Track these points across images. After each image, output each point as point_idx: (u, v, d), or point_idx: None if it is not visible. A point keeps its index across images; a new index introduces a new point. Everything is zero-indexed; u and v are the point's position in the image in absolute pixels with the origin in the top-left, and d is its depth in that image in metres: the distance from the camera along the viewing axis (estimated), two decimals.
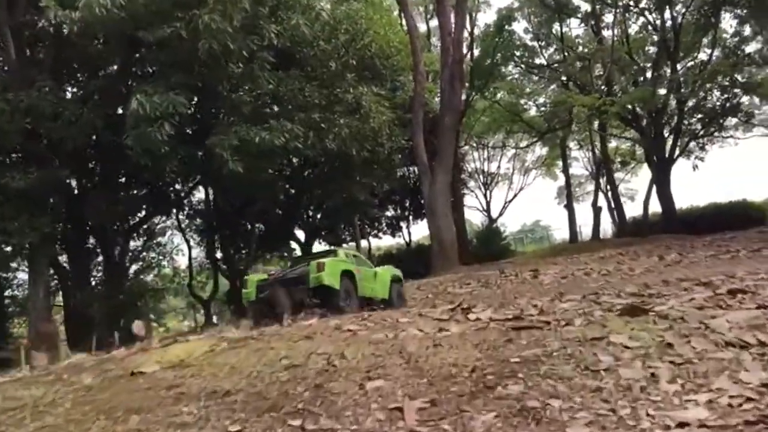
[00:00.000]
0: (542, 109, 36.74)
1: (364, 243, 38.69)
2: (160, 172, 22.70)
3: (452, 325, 5.69)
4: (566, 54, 33.76)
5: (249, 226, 31.77)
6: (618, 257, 15.93)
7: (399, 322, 6.21)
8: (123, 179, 25.65)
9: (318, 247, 39.04)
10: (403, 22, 23.28)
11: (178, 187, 29.23)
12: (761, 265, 9.27)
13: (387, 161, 28.30)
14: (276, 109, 23.05)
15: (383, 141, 26.03)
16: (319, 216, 34.38)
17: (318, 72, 24.30)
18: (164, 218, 34.76)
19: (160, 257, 38.65)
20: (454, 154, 33.30)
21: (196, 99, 20.47)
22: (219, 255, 34.30)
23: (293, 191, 33.34)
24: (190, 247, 35.27)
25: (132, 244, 35.72)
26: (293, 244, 37.47)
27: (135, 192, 26.13)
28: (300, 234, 36.61)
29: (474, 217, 49.74)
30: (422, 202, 38.86)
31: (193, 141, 21.50)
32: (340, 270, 7.63)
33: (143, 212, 27.87)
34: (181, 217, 34.18)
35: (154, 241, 38.20)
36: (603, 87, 31.13)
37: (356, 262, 8.95)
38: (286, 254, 38.96)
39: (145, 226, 31.63)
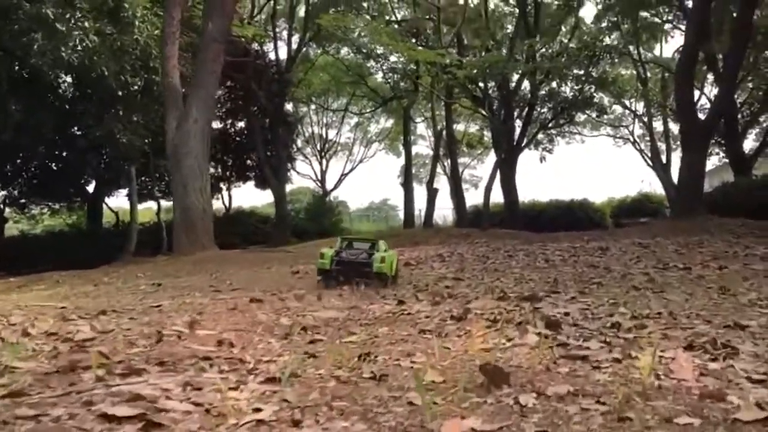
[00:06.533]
0: (388, 75, 29.35)
1: (148, 204, 29.39)
2: None
3: None
4: (416, 9, 26.43)
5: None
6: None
7: None
8: None
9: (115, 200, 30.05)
10: None
11: None
12: None
13: None
14: None
15: (158, 65, 17.32)
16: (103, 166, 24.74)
17: None
18: None
19: None
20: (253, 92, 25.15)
21: None
22: None
23: (74, 130, 23.84)
24: None
25: None
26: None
27: None
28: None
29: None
30: (246, 160, 30.71)
31: None
32: (391, 263, 6.79)
33: None
34: None
35: None
36: (454, 51, 24.06)
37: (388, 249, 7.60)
38: (77, 204, 29.31)
39: None
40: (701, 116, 22.87)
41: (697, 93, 27.81)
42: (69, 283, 9.36)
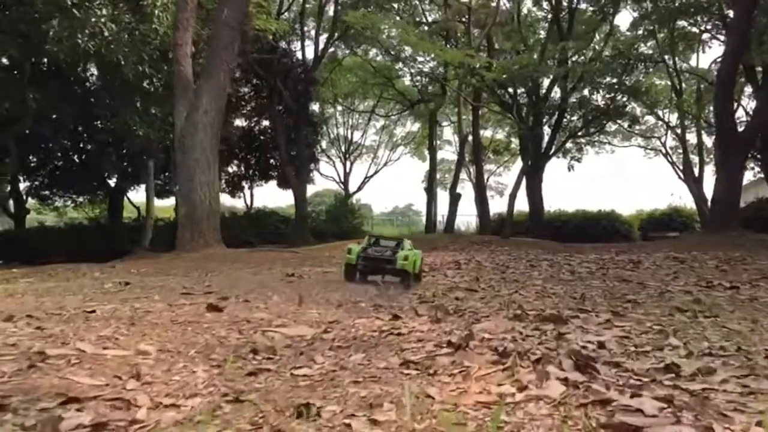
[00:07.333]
0: (416, 77, 28.52)
1: (172, 201, 28.72)
2: None
3: None
4: (447, 9, 25.47)
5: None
6: None
7: None
8: None
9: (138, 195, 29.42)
10: None
11: None
12: None
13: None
14: None
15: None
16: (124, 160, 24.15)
17: None
18: None
19: None
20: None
21: None
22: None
23: (96, 123, 23.33)
24: None
25: None
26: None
27: None
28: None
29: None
30: (269, 159, 30.02)
31: None
32: (414, 261, 6.97)
33: None
34: None
35: None
36: (483, 54, 23.09)
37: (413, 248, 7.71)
38: (100, 196, 28.77)
39: None
40: (739, 129, 21.53)
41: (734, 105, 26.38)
42: (58, 277, 8.67)
